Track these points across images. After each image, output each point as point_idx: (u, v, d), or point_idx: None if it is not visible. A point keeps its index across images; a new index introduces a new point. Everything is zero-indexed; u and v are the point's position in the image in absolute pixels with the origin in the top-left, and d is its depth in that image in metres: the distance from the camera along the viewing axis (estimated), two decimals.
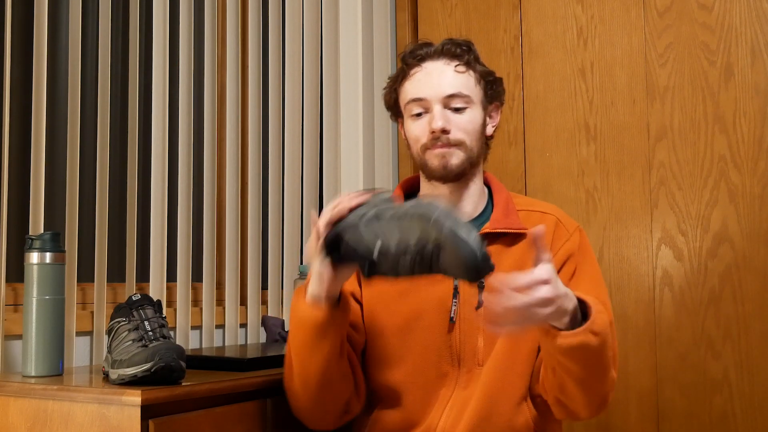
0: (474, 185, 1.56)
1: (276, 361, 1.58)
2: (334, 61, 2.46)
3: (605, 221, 2.28)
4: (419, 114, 1.52)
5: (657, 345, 2.19)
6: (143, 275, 1.95)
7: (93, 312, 1.75)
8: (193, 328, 2.00)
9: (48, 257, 1.45)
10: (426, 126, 1.50)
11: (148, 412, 1.24)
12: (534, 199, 1.66)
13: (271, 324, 2.06)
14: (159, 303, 1.48)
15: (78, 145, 1.75)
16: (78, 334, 1.71)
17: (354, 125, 2.51)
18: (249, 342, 2.13)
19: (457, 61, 1.52)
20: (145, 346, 1.35)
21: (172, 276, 1.97)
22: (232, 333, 2.07)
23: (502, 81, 1.59)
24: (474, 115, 1.52)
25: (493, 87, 1.57)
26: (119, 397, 1.25)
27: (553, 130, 2.38)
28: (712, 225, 2.14)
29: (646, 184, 2.24)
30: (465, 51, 1.53)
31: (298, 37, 2.35)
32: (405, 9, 2.63)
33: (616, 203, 2.28)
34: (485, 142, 1.57)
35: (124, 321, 1.43)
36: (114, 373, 1.34)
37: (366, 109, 2.52)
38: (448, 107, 1.50)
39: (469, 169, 1.53)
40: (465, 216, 1.53)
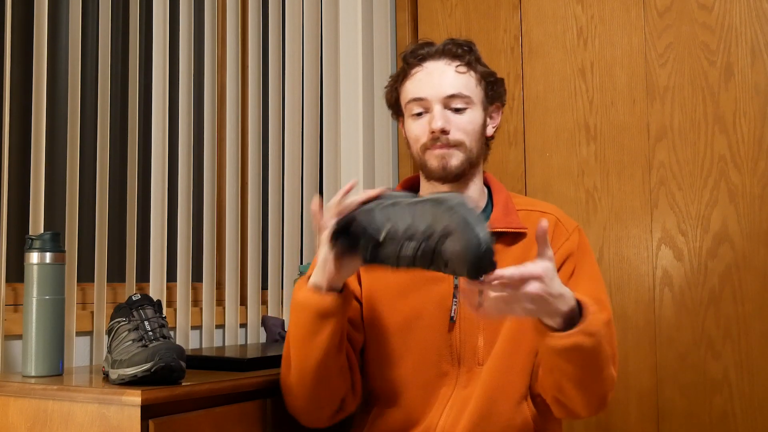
0: (474, 185, 1.56)
1: (276, 361, 1.58)
2: (334, 61, 2.46)
3: (605, 221, 2.28)
4: (419, 114, 1.52)
5: (657, 345, 2.19)
6: (143, 275, 1.95)
7: (93, 312, 1.75)
8: (193, 328, 2.00)
9: (48, 257, 1.45)
10: (426, 126, 1.50)
11: (148, 412, 1.25)
12: (533, 199, 1.66)
13: (271, 324, 2.06)
14: (159, 303, 1.48)
15: (78, 145, 1.75)
16: (78, 334, 1.71)
17: (354, 125, 2.51)
18: (249, 342, 2.13)
19: (459, 62, 1.52)
20: (145, 346, 1.35)
21: (172, 276, 1.97)
22: (232, 333, 2.07)
23: (503, 82, 1.59)
24: (474, 116, 1.52)
25: (494, 88, 1.56)
26: (119, 397, 1.25)
27: (553, 130, 2.38)
28: (712, 225, 2.14)
29: (646, 184, 2.24)
30: (466, 51, 1.53)
31: (298, 37, 2.35)
32: (405, 9, 2.63)
33: (616, 203, 2.27)
34: (485, 142, 1.57)
35: (124, 321, 1.43)
36: (114, 373, 1.34)
37: (366, 109, 2.52)
38: (448, 107, 1.50)
39: (469, 170, 1.53)
40: None
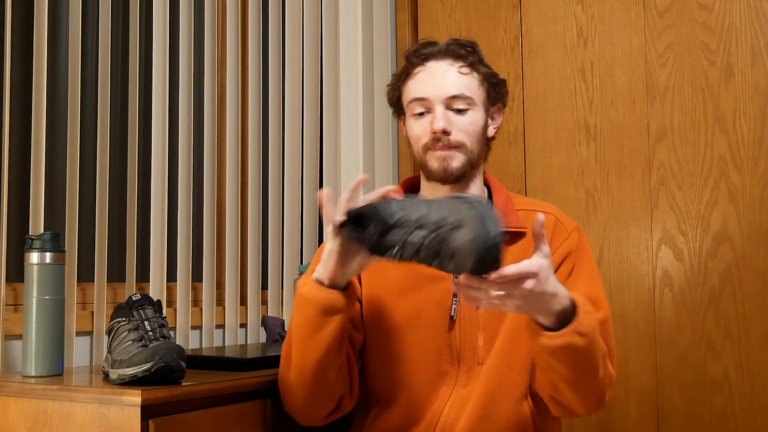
0: (474, 185, 1.56)
1: (276, 362, 1.58)
2: (334, 61, 2.46)
3: (605, 221, 2.28)
4: (421, 113, 1.52)
5: (657, 345, 2.19)
6: (143, 275, 1.95)
7: (93, 312, 1.75)
8: (193, 328, 2.00)
9: (48, 257, 1.45)
10: (427, 126, 1.50)
11: (148, 412, 1.24)
12: (533, 199, 1.66)
13: (271, 324, 2.06)
14: (159, 303, 1.48)
15: (78, 145, 1.75)
16: (78, 334, 1.71)
17: (354, 125, 2.51)
18: (249, 342, 2.13)
19: (462, 62, 1.52)
20: (145, 346, 1.35)
21: (172, 276, 1.97)
22: (232, 333, 2.07)
23: (505, 83, 1.59)
24: (476, 117, 1.52)
25: (497, 89, 1.56)
26: (119, 397, 1.25)
27: (553, 130, 2.38)
28: (712, 225, 2.14)
29: (646, 184, 2.23)
30: (469, 52, 1.53)
31: (298, 37, 2.35)
32: (405, 9, 2.63)
33: (616, 203, 2.27)
34: (486, 143, 1.57)
35: (124, 321, 1.43)
36: (114, 373, 1.34)
37: (366, 109, 2.52)
38: (450, 108, 1.50)
39: (470, 171, 1.53)
40: None
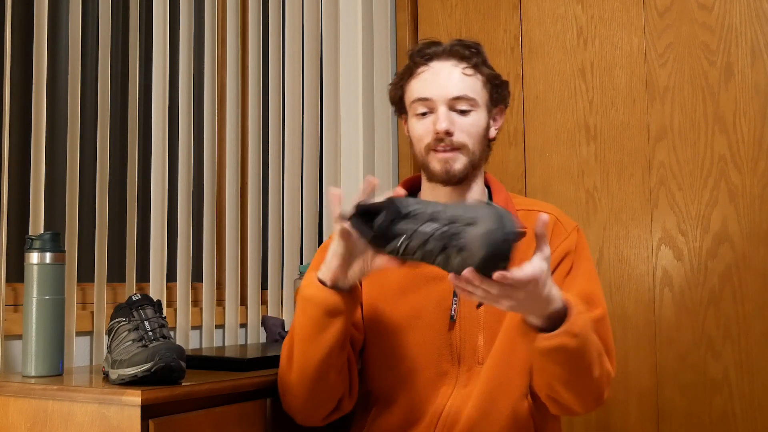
0: (476, 186, 1.56)
1: (276, 362, 1.58)
2: (334, 61, 2.46)
3: (605, 221, 2.28)
4: (424, 114, 1.52)
5: (657, 345, 2.19)
6: (143, 275, 1.95)
7: (93, 312, 1.75)
8: (193, 328, 2.00)
9: (48, 257, 1.45)
10: (430, 126, 1.50)
11: (148, 412, 1.24)
12: (533, 200, 1.66)
13: (271, 324, 2.06)
14: (159, 303, 1.48)
15: (78, 145, 1.74)
16: (78, 334, 1.71)
17: (354, 125, 2.51)
18: (249, 342, 2.13)
19: (466, 63, 1.52)
20: (145, 346, 1.35)
21: (172, 276, 1.97)
22: (232, 333, 2.07)
23: (508, 84, 1.59)
24: (478, 118, 1.52)
25: (499, 90, 1.56)
26: (119, 397, 1.25)
27: (553, 130, 2.37)
28: (712, 225, 2.14)
29: (646, 184, 2.23)
30: (473, 53, 1.53)
31: (298, 37, 2.35)
32: (405, 9, 2.62)
33: (616, 203, 2.27)
34: (487, 144, 1.57)
35: (124, 321, 1.43)
36: (114, 373, 1.34)
37: (366, 109, 2.52)
38: (453, 109, 1.50)
39: (472, 172, 1.53)
40: None
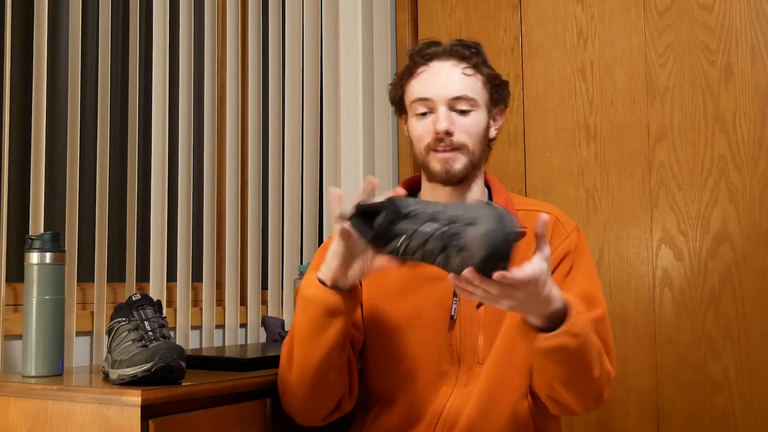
0: (476, 186, 1.56)
1: (276, 361, 1.58)
2: (334, 61, 2.46)
3: (605, 221, 2.28)
4: (424, 113, 1.52)
5: (657, 345, 2.19)
6: (143, 275, 1.95)
7: (93, 312, 1.75)
8: (193, 328, 2.00)
9: (48, 257, 1.45)
10: (430, 126, 1.50)
11: (148, 412, 1.24)
12: (533, 200, 1.66)
13: (271, 324, 2.06)
14: (159, 303, 1.48)
15: (78, 145, 1.74)
16: (78, 334, 1.71)
17: (354, 125, 2.51)
18: (249, 342, 2.13)
19: (466, 63, 1.52)
20: (145, 346, 1.35)
21: (172, 276, 1.97)
22: (232, 333, 2.07)
23: (508, 84, 1.59)
24: (478, 118, 1.52)
25: (499, 90, 1.56)
26: (119, 397, 1.25)
27: (553, 130, 2.37)
28: (712, 225, 2.14)
29: (646, 184, 2.23)
30: (474, 53, 1.53)
31: (298, 37, 2.35)
32: (405, 9, 2.62)
33: (616, 203, 2.27)
34: (487, 144, 1.57)
35: (124, 321, 1.43)
36: (114, 373, 1.34)
37: (366, 109, 2.52)
38: (453, 109, 1.50)
39: (472, 172, 1.53)
40: None
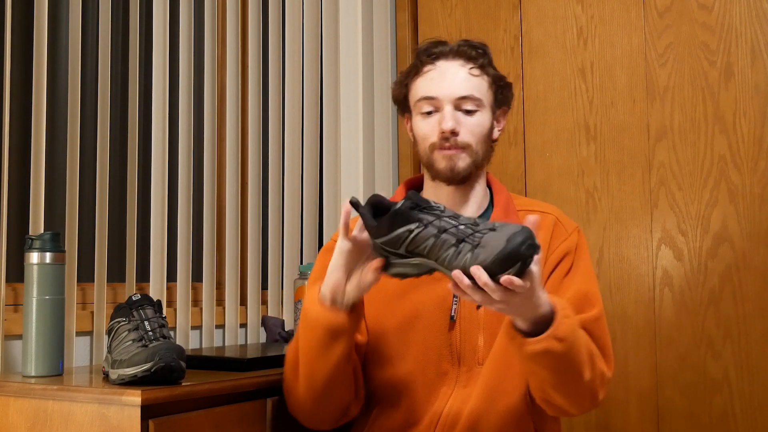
0: (478, 186, 1.57)
1: (276, 361, 1.58)
2: (334, 61, 2.46)
3: (605, 221, 2.28)
4: (429, 112, 1.52)
5: (657, 345, 2.19)
6: (143, 275, 1.95)
7: (93, 312, 1.75)
8: (193, 328, 2.00)
9: (48, 257, 1.45)
10: (435, 125, 1.50)
11: (148, 412, 1.24)
12: (534, 200, 1.67)
13: (271, 324, 2.06)
14: (159, 303, 1.48)
15: (78, 145, 1.74)
16: (78, 334, 1.71)
17: (354, 125, 2.51)
18: (249, 342, 2.13)
19: (472, 64, 1.52)
20: (145, 346, 1.35)
21: (172, 276, 1.97)
22: (232, 333, 2.07)
23: (512, 86, 1.60)
24: (483, 119, 1.52)
25: (504, 92, 1.57)
26: (119, 397, 1.25)
27: (553, 130, 2.37)
28: (712, 225, 2.14)
29: (646, 184, 2.23)
30: (480, 54, 1.53)
31: (298, 37, 2.35)
32: (405, 9, 2.62)
33: (616, 203, 2.27)
34: (490, 145, 1.57)
35: (124, 321, 1.43)
36: (114, 373, 1.34)
37: (366, 109, 2.52)
38: (459, 109, 1.50)
39: (475, 172, 1.54)
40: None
